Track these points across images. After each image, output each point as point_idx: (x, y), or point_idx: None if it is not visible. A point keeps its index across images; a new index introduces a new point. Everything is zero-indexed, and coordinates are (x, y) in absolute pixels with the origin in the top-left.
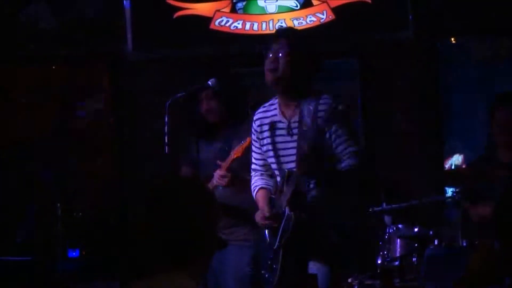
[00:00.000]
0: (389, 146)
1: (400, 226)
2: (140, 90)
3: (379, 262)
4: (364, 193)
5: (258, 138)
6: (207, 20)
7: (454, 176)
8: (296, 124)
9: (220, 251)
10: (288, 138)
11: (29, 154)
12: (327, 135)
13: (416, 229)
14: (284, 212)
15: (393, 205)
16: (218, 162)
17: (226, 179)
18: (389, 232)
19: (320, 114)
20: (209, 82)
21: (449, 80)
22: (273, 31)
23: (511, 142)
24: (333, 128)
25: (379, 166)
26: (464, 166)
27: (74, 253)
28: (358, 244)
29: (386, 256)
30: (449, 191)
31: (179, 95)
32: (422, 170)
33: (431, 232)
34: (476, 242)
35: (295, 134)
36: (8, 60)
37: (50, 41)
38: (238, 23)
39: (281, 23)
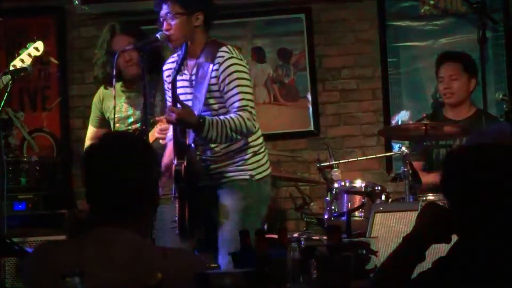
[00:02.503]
0: (337, 102)
1: (347, 181)
2: (88, 44)
3: (326, 217)
4: None
5: (167, 88)
6: None
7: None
8: (194, 77)
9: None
10: (188, 90)
11: None
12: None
13: (363, 184)
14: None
15: (340, 161)
16: (157, 118)
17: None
18: (336, 187)
19: (213, 73)
20: (157, 35)
21: (397, 36)
22: None
23: (454, 99)
24: (225, 84)
25: (325, 122)
26: (411, 122)
27: (20, 206)
28: None
29: (333, 211)
30: (396, 147)
31: (127, 48)
32: (369, 126)
33: (378, 188)
34: (423, 198)
35: (193, 87)
36: None
37: None
38: None
39: None
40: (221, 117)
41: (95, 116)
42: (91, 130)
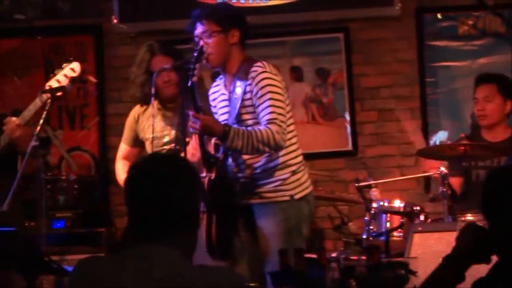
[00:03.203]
0: (375, 122)
1: (385, 201)
2: (125, 63)
3: (364, 237)
4: None
5: (214, 111)
6: None
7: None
8: (231, 95)
9: None
10: (227, 109)
11: None
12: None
13: (402, 204)
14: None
15: (379, 180)
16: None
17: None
18: (374, 207)
19: (247, 87)
20: (195, 54)
21: (435, 56)
22: (261, 4)
23: (488, 121)
24: (257, 98)
25: (363, 142)
26: (449, 143)
27: (58, 224)
28: None
29: (372, 231)
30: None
31: (165, 67)
32: (408, 146)
33: (417, 208)
34: (462, 219)
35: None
36: None
37: (36, 12)
38: None
39: None
40: (249, 128)
41: (129, 135)
42: (123, 148)
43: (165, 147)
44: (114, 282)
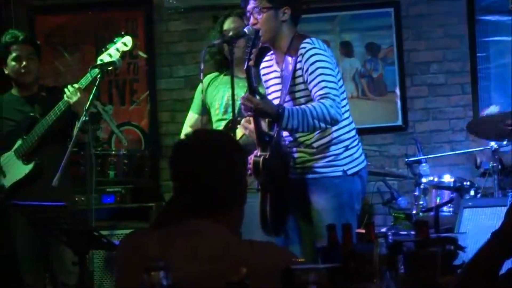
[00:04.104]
0: (425, 97)
1: (435, 176)
2: (175, 38)
3: (414, 212)
4: None
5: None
6: None
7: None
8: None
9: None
10: (279, 86)
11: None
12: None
13: (452, 179)
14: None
15: (429, 155)
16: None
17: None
18: (424, 182)
19: (298, 65)
20: (245, 30)
21: (486, 30)
22: None
23: None
24: (308, 74)
25: (413, 117)
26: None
27: (108, 199)
28: None
29: (421, 206)
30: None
31: (215, 42)
32: (458, 121)
33: (467, 183)
34: None
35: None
36: (45, 6)
37: None
38: None
39: None
40: (302, 106)
41: (197, 103)
42: (191, 117)
43: (226, 117)
44: (161, 257)
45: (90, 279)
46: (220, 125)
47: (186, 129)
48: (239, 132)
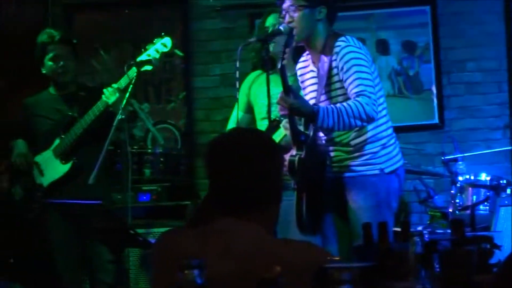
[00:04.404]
0: (462, 95)
1: (472, 174)
2: (211, 37)
3: (450, 210)
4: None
5: (301, 86)
6: None
7: None
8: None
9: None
10: (316, 86)
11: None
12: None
13: (488, 178)
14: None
15: (465, 154)
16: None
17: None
18: (461, 180)
19: (333, 63)
20: (281, 28)
21: None
22: None
23: None
24: (343, 72)
25: (449, 115)
26: None
27: (144, 197)
28: None
29: (458, 204)
30: None
31: (251, 40)
32: (495, 119)
33: (503, 181)
34: None
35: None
36: (82, 5)
37: None
38: None
39: None
40: (338, 104)
41: (242, 101)
42: (235, 114)
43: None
44: (196, 256)
45: (126, 277)
46: (264, 124)
47: (231, 126)
48: (282, 132)
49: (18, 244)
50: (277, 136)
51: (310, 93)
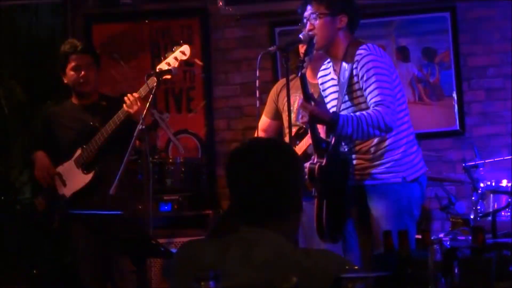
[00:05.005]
0: (482, 101)
1: (493, 181)
2: (231, 45)
3: (472, 217)
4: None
5: (323, 95)
6: None
7: None
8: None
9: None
10: (337, 94)
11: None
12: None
13: (510, 184)
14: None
15: (486, 160)
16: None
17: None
18: (482, 187)
19: (354, 71)
20: (300, 36)
21: None
22: None
23: None
24: (363, 81)
25: (470, 121)
26: None
27: (166, 207)
28: None
29: (479, 211)
30: None
31: (271, 48)
32: None
33: None
34: None
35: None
36: (101, 15)
37: None
38: None
39: None
40: (357, 113)
41: (270, 108)
42: (263, 121)
43: (297, 123)
44: (218, 266)
45: (148, 287)
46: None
47: (260, 133)
48: (307, 141)
49: (42, 255)
50: (303, 144)
51: (331, 101)
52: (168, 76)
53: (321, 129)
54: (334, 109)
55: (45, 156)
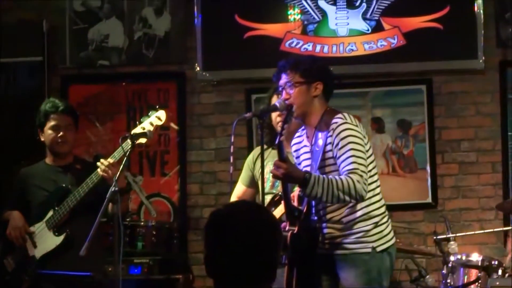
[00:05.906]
0: (455, 174)
1: (463, 254)
2: (207, 110)
3: None
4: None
5: (296, 162)
6: (278, 41)
7: None
8: (312, 147)
9: None
10: (309, 161)
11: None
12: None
13: (480, 258)
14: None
15: (457, 234)
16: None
17: None
18: (452, 260)
19: (328, 139)
20: (277, 104)
21: None
22: (344, 54)
23: None
24: (337, 149)
25: (443, 195)
26: None
27: (136, 270)
28: None
29: (449, 284)
30: None
31: (246, 115)
32: (488, 200)
33: (495, 262)
34: None
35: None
36: (79, 76)
37: (120, 58)
38: (309, 45)
39: (352, 46)
40: (330, 176)
41: (246, 175)
42: (239, 188)
43: (273, 191)
44: None
45: None
46: (266, 199)
47: (233, 198)
48: (282, 209)
49: None
50: (278, 212)
51: (305, 167)
52: (143, 140)
53: (294, 197)
54: None
55: (21, 216)
